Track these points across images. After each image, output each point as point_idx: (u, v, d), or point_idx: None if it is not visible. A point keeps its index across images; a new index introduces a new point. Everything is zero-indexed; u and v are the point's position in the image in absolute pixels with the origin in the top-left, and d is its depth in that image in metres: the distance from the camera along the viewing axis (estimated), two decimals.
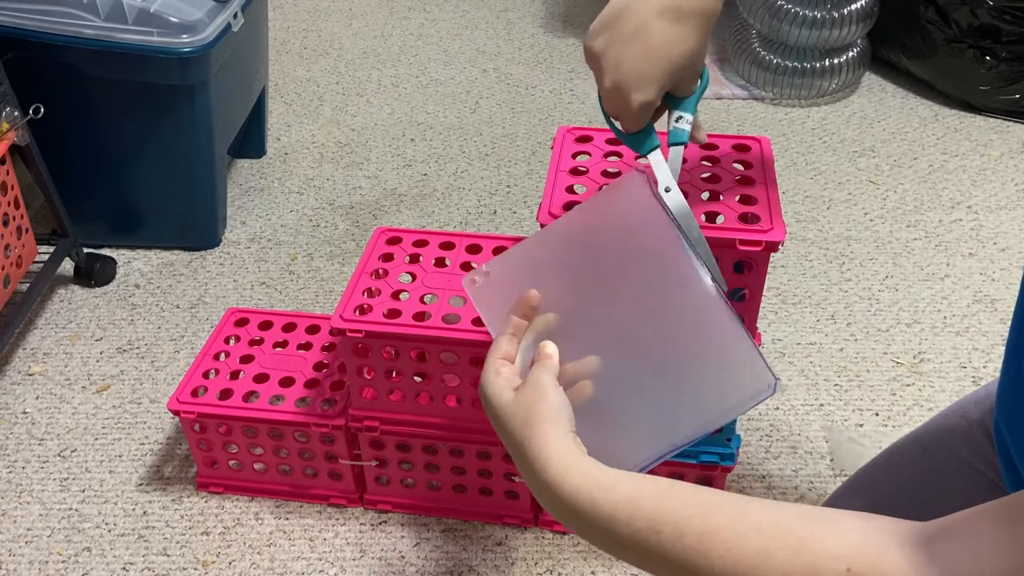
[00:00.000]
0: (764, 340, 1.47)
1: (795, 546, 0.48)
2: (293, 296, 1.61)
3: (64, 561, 1.18)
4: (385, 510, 1.23)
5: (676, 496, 0.53)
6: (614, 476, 0.56)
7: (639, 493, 0.54)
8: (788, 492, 1.24)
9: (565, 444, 0.57)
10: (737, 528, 0.50)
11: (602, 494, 0.54)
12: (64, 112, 1.52)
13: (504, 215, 1.79)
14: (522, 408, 0.59)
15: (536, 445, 0.57)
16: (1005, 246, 1.68)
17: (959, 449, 0.86)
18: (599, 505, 0.54)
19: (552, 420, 0.58)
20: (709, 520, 0.50)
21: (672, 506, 0.52)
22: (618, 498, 0.54)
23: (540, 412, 0.59)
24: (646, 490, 0.54)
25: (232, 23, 1.56)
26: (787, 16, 2.03)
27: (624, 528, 0.53)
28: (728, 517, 0.50)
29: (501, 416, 0.60)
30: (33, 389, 1.43)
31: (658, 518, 0.52)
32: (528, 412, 0.59)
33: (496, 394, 0.61)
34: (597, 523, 0.54)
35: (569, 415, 0.59)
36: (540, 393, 0.59)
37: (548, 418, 0.58)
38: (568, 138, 1.02)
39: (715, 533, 0.50)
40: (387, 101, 2.18)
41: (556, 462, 0.56)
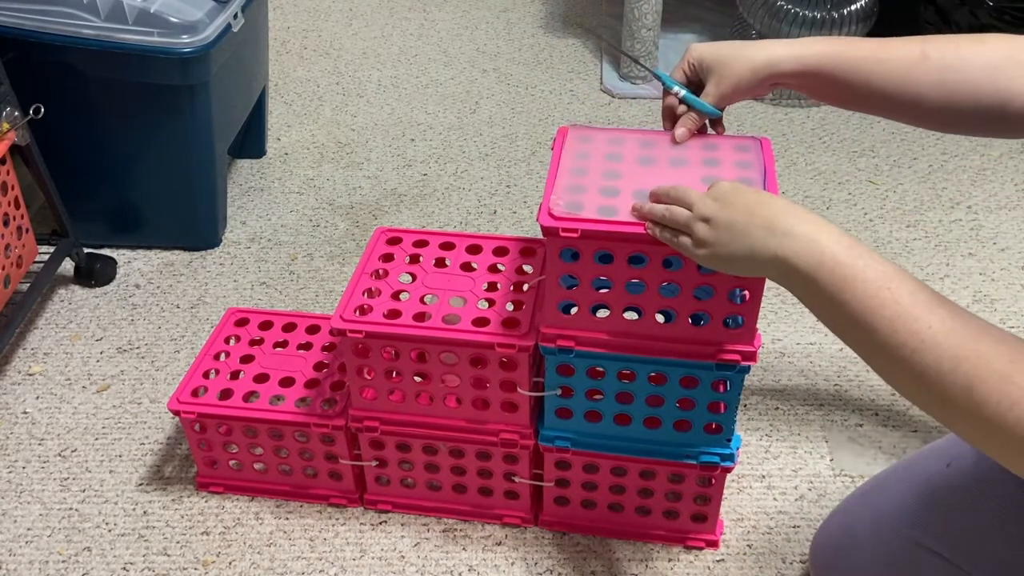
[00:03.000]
0: (764, 340, 1.47)
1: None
2: (293, 296, 1.61)
3: (64, 561, 1.18)
4: (385, 510, 1.23)
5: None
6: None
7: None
8: (788, 492, 1.24)
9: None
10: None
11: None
12: (64, 112, 1.52)
13: (504, 215, 1.79)
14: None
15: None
16: (1005, 246, 1.68)
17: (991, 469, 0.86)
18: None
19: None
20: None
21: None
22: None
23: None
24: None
25: (232, 23, 1.56)
26: (787, 16, 2.03)
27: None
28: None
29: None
30: (33, 389, 1.43)
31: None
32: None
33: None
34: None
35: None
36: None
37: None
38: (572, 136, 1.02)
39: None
40: (387, 101, 2.18)
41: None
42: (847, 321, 0.70)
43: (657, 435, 1.07)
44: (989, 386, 0.62)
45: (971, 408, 0.63)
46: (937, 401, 0.65)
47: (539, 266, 1.12)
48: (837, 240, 0.72)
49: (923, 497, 0.91)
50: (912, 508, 0.91)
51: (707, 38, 2.38)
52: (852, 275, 0.70)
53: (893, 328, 0.66)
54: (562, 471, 1.13)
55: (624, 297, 0.96)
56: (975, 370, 0.63)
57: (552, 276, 0.96)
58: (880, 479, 0.99)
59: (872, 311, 0.68)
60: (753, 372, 1.40)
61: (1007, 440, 0.62)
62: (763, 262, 0.76)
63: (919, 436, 1.31)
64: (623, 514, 1.16)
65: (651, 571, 1.14)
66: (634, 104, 2.15)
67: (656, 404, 1.04)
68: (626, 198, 0.92)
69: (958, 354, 0.64)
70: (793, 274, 0.74)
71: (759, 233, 0.76)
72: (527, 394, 1.06)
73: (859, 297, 0.69)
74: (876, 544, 0.93)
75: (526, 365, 1.04)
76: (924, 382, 0.65)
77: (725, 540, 1.17)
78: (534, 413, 1.10)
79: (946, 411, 0.65)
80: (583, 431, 1.08)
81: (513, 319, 1.04)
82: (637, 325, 0.98)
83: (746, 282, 0.93)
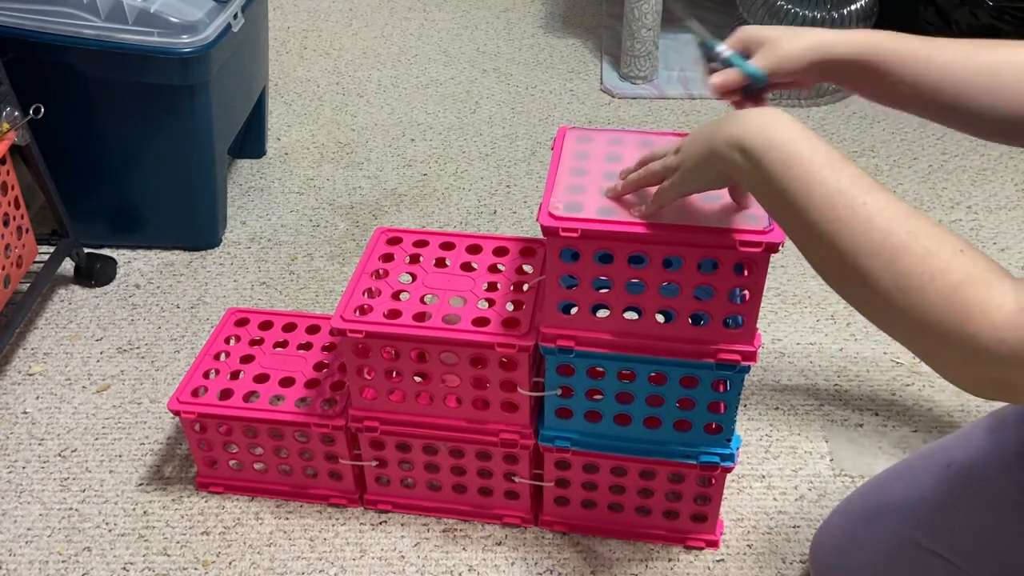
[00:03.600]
0: (764, 340, 1.47)
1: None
2: (293, 296, 1.61)
3: (64, 561, 1.18)
4: (385, 510, 1.23)
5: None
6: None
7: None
8: (788, 492, 1.24)
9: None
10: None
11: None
12: (64, 112, 1.52)
13: (504, 215, 1.79)
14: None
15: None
16: (1005, 246, 1.68)
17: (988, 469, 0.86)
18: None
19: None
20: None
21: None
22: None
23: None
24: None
25: (232, 23, 1.56)
26: (787, 16, 2.04)
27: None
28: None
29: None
30: (33, 389, 1.43)
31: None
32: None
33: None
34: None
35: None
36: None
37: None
38: (572, 136, 1.02)
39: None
40: (387, 101, 2.18)
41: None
42: (787, 199, 0.71)
43: (657, 435, 1.07)
44: (913, 257, 0.63)
45: (892, 281, 0.64)
46: (860, 277, 0.66)
47: (539, 266, 1.12)
48: (790, 124, 0.74)
49: (923, 497, 0.91)
50: (912, 508, 0.91)
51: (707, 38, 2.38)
52: (799, 153, 0.71)
53: (830, 203, 0.68)
54: (562, 471, 1.13)
55: (624, 297, 0.96)
56: (902, 243, 0.64)
57: (552, 276, 0.96)
58: (880, 479, 0.99)
59: (812, 187, 0.69)
60: (753, 372, 1.40)
61: (923, 314, 0.62)
62: (721, 148, 0.77)
63: (919, 436, 1.31)
64: (623, 514, 1.16)
65: (651, 571, 1.14)
66: (634, 104, 2.15)
67: (656, 404, 1.04)
68: (626, 198, 0.92)
69: (888, 228, 0.65)
70: (745, 153, 0.75)
71: (718, 126, 0.79)
72: (527, 394, 1.06)
73: (802, 175, 0.70)
74: (876, 544, 0.93)
75: (526, 365, 1.04)
76: (851, 256, 0.66)
77: (725, 540, 1.17)
78: (534, 413, 1.10)
79: (866, 289, 0.66)
80: (583, 431, 1.08)
81: (513, 319, 1.04)
82: (637, 325, 0.98)
83: (746, 282, 0.94)
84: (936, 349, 0.63)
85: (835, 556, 1.00)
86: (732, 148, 0.76)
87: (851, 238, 0.66)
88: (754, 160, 0.74)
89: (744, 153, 0.75)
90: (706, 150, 0.80)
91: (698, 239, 0.89)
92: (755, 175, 0.74)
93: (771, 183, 0.73)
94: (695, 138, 0.82)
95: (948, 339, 0.61)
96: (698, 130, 0.83)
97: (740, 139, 0.75)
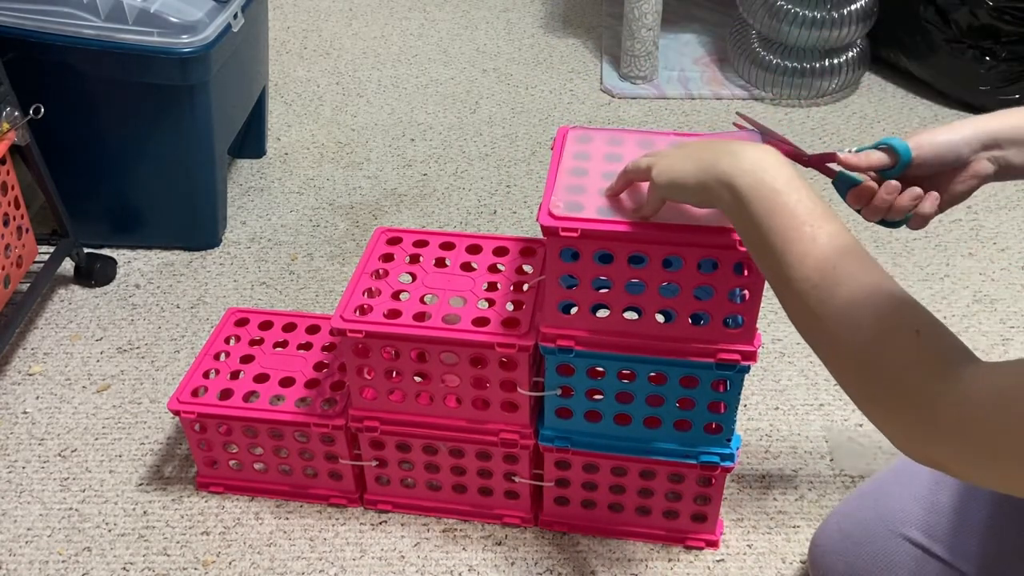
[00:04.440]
0: (764, 340, 1.47)
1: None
2: (293, 296, 1.61)
3: (64, 561, 1.18)
4: (385, 510, 1.23)
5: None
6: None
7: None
8: (788, 492, 1.24)
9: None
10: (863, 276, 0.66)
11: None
12: (64, 112, 1.52)
13: (504, 215, 1.79)
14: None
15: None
16: (1005, 246, 1.68)
17: None
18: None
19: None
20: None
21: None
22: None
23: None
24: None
25: (232, 23, 1.56)
26: (787, 16, 2.03)
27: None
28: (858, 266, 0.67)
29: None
30: (33, 389, 1.43)
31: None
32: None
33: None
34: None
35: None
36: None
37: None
38: (572, 136, 1.02)
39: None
40: (387, 101, 2.18)
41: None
42: (766, 247, 0.72)
43: (657, 435, 1.07)
44: (866, 341, 0.65)
45: (849, 350, 0.65)
46: (821, 334, 0.68)
47: (539, 266, 1.12)
48: (781, 170, 0.74)
49: (922, 498, 0.91)
50: (911, 509, 0.91)
51: (707, 38, 2.38)
52: (783, 203, 0.72)
53: (802, 263, 0.69)
54: (562, 471, 1.13)
55: (624, 297, 0.96)
56: (865, 321, 0.65)
57: (552, 276, 0.96)
58: (879, 480, 0.99)
59: (789, 242, 0.70)
60: (753, 372, 1.39)
61: (874, 391, 0.65)
62: (711, 182, 0.78)
63: None
64: (623, 514, 1.16)
65: (651, 571, 1.14)
66: (634, 104, 2.15)
67: (656, 404, 1.04)
68: (626, 198, 0.92)
69: (855, 299, 0.66)
70: (732, 192, 0.76)
71: (710, 153, 0.79)
72: (527, 394, 1.06)
73: (782, 227, 0.71)
74: (875, 544, 0.93)
75: (526, 365, 1.04)
76: (816, 312, 0.68)
77: (725, 540, 1.17)
78: (534, 413, 1.10)
79: (825, 348, 0.68)
80: (583, 431, 1.08)
81: (513, 319, 1.04)
82: (637, 325, 0.98)
83: (746, 281, 0.94)
84: (880, 419, 0.66)
85: (835, 556, 1.00)
86: (721, 184, 0.77)
87: (818, 297, 0.67)
88: (741, 201, 0.75)
89: (732, 191, 0.76)
90: (694, 176, 0.80)
91: (698, 239, 0.89)
92: (740, 215, 0.75)
93: (753, 228, 0.74)
94: (686, 150, 0.83)
95: (891, 418, 0.64)
96: (688, 145, 0.83)
97: (729, 177, 0.76)
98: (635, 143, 1.01)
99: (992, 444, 0.56)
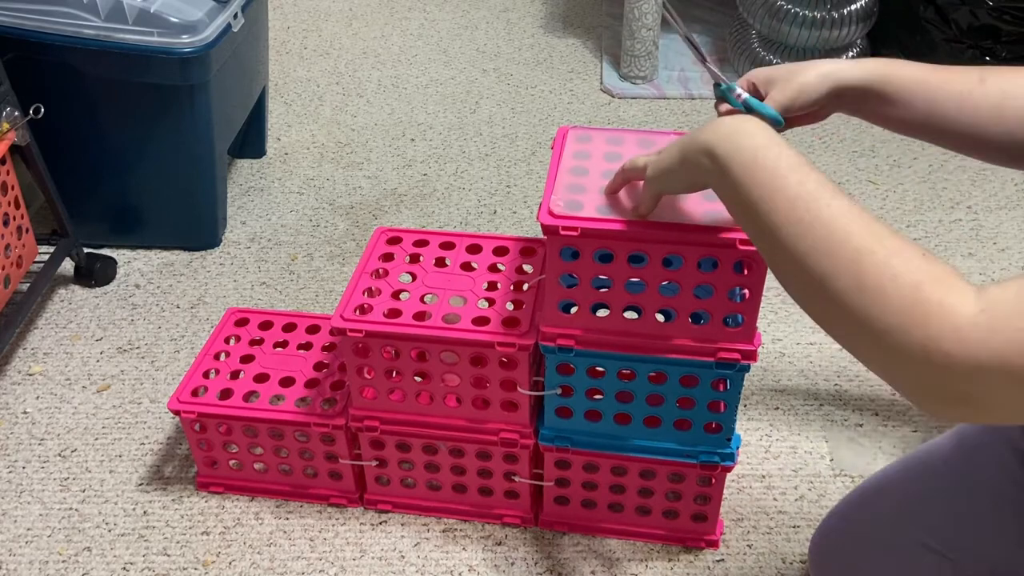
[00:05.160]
0: (764, 340, 1.47)
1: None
2: (293, 296, 1.61)
3: (64, 561, 1.18)
4: (385, 510, 1.23)
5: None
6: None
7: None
8: (788, 492, 1.24)
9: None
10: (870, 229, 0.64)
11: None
12: (64, 112, 1.52)
13: (504, 215, 1.79)
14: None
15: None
16: (1005, 246, 1.68)
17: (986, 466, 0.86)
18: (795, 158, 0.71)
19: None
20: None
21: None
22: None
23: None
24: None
25: (232, 23, 1.56)
26: (787, 16, 2.04)
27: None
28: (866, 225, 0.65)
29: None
30: (33, 389, 1.43)
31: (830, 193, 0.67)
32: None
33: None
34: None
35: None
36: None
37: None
38: (572, 136, 1.02)
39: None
40: (387, 101, 2.18)
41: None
42: (751, 202, 0.71)
43: (657, 434, 1.07)
44: (875, 258, 0.62)
45: (852, 281, 0.62)
46: (819, 278, 0.65)
47: (539, 265, 1.12)
48: (759, 130, 0.74)
49: (921, 494, 0.91)
50: (910, 505, 0.91)
51: (707, 38, 2.38)
52: (763, 159, 0.71)
53: (793, 206, 0.67)
54: (562, 471, 1.13)
55: (624, 296, 0.96)
56: (864, 246, 0.63)
57: (552, 275, 0.96)
58: (878, 477, 0.99)
59: (776, 191, 0.69)
60: (753, 372, 1.40)
61: (882, 315, 0.61)
62: (692, 154, 0.78)
63: (919, 436, 1.31)
64: (623, 514, 1.16)
65: (651, 571, 1.14)
66: (634, 104, 2.15)
67: (656, 403, 1.04)
68: (626, 198, 0.92)
69: (851, 229, 0.64)
70: (714, 159, 0.75)
71: (694, 132, 0.79)
72: (527, 393, 1.06)
73: (767, 178, 0.70)
74: (875, 542, 0.93)
75: (526, 364, 1.04)
76: (812, 257, 0.65)
77: (725, 540, 1.17)
78: (534, 412, 1.10)
79: (825, 291, 0.65)
80: (583, 430, 1.08)
81: (513, 318, 1.04)
82: (637, 324, 0.98)
83: (746, 280, 0.93)
84: (891, 353, 0.61)
85: (834, 555, 1.00)
86: (702, 153, 0.77)
87: (812, 239, 0.65)
88: (721, 165, 0.74)
89: (712, 158, 0.75)
90: (679, 155, 0.80)
91: (698, 238, 0.89)
92: (722, 180, 0.75)
93: (736, 187, 0.73)
94: (674, 142, 0.83)
95: (906, 342, 0.59)
96: (680, 137, 0.84)
97: (709, 144, 0.76)
98: (635, 143, 1.01)
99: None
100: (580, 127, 1.04)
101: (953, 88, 0.83)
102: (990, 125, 0.82)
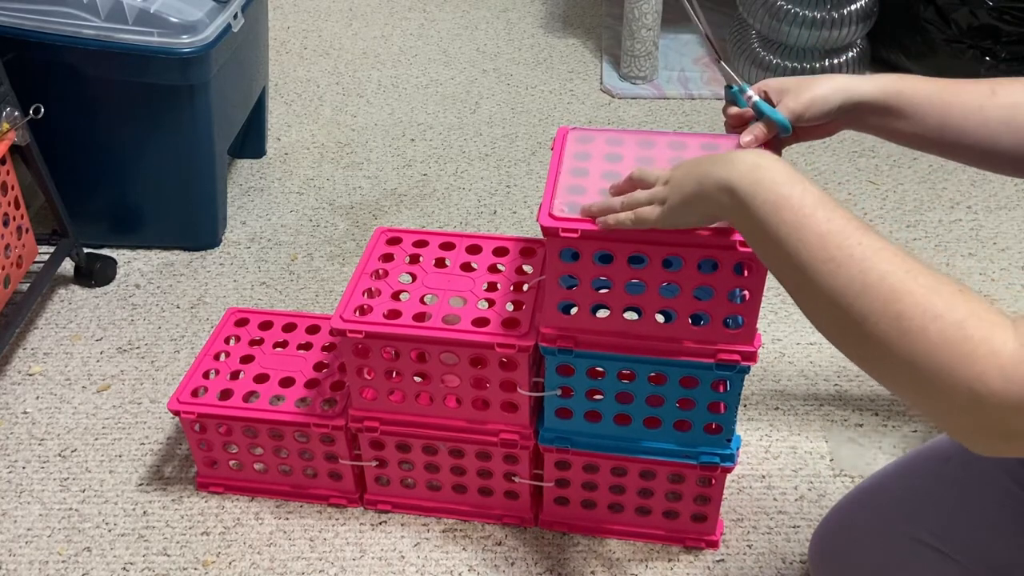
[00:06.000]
0: (764, 340, 1.47)
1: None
2: (293, 296, 1.61)
3: (64, 561, 1.18)
4: (385, 510, 1.23)
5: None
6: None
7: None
8: (788, 492, 1.24)
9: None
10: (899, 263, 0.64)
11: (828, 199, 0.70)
12: (64, 112, 1.52)
13: (504, 215, 1.79)
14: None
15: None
16: (1005, 246, 1.68)
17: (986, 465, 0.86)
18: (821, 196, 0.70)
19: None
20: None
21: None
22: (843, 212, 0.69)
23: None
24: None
25: (232, 23, 1.56)
26: (787, 16, 2.03)
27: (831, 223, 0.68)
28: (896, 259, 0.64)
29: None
30: (33, 389, 1.43)
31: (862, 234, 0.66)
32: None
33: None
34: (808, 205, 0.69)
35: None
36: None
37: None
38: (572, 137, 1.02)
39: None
40: (387, 101, 2.18)
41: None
42: (779, 241, 0.70)
43: (657, 435, 1.07)
44: (914, 298, 0.61)
45: (892, 323, 0.61)
46: (856, 319, 0.63)
47: (539, 266, 1.12)
48: (779, 167, 0.73)
49: (921, 493, 0.91)
50: (910, 505, 0.91)
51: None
52: (788, 194, 0.70)
53: (823, 244, 0.66)
54: (562, 471, 1.13)
55: (624, 297, 0.96)
56: (900, 283, 0.62)
57: (552, 276, 0.96)
58: (878, 477, 0.99)
59: (803, 228, 0.68)
60: (753, 372, 1.39)
61: (925, 355, 0.60)
62: (710, 190, 0.77)
63: (919, 436, 1.31)
64: (623, 514, 1.16)
65: (651, 571, 1.14)
66: (634, 104, 2.15)
67: (656, 404, 1.04)
68: None
69: (885, 268, 0.63)
70: (734, 196, 0.74)
71: (707, 166, 0.78)
72: (527, 394, 1.06)
73: (793, 216, 0.69)
74: (875, 541, 0.93)
75: (526, 365, 1.04)
76: (846, 296, 0.64)
77: (725, 540, 1.17)
78: (534, 413, 1.10)
79: (863, 332, 0.63)
80: (583, 431, 1.08)
81: (513, 319, 1.04)
82: (637, 325, 0.98)
83: (746, 282, 0.94)
84: (937, 394, 0.60)
85: (834, 554, 1.00)
86: (721, 191, 0.75)
87: (846, 278, 0.64)
88: (743, 203, 0.73)
89: (733, 196, 0.74)
90: (694, 191, 0.79)
91: (698, 239, 0.89)
92: (744, 217, 0.74)
93: (761, 225, 0.72)
94: (684, 174, 0.81)
95: (953, 384, 0.58)
96: (687, 165, 0.82)
97: (729, 182, 0.74)
98: (635, 143, 1.01)
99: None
100: (580, 127, 1.04)
101: (966, 101, 0.83)
102: (1002, 136, 0.82)
